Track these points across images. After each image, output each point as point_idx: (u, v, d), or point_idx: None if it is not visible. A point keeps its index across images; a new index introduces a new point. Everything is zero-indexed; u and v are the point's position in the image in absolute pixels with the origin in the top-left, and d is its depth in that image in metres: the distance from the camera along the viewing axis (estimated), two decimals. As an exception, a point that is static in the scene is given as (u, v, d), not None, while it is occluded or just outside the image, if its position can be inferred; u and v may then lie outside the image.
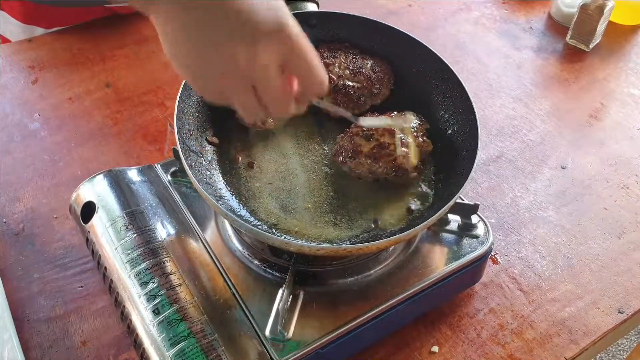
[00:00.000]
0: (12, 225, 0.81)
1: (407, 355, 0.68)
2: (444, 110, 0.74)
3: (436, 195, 0.70)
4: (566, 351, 0.69)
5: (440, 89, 0.75)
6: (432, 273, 0.66)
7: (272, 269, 0.65)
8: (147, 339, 0.60)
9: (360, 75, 0.77)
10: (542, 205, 0.85)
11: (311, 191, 0.71)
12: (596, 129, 0.98)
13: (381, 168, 0.69)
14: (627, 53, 1.13)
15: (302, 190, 0.71)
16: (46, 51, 1.07)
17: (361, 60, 0.78)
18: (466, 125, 0.70)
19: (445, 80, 0.74)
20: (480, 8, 1.24)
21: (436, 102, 0.75)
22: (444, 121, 0.74)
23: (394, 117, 0.72)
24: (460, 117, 0.72)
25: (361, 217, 0.68)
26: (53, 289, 0.73)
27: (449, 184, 0.69)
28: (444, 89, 0.74)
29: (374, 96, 0.77)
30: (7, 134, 0.94)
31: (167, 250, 0.66)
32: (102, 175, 0.73)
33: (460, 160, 0.69)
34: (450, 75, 0.72)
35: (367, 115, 0.75)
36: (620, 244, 0.81)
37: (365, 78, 0.77)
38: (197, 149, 0.70)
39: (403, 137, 0.69)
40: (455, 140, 0.72)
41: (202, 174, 0.68)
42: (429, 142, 0.72)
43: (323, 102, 0.61)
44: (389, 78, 0.78)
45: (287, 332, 0.59)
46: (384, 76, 0.78)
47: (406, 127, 0.70)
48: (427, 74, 0.76)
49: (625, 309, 0.73)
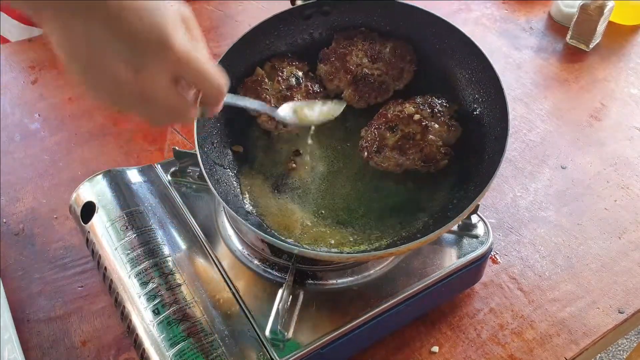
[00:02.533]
0: (12, 226, 0.81)
1: (407, 355, 0.68)
2: (471, 88, 0.71)
3: (470, 181, 0.66)
4: (566, 351, 0.69)
5: (465, 65, 0.71)
6: (432, 273, 0.66)
7: (272, 269, 0.65)
8: (147, 339, 0.60)
9: (380, 61, 0.74)
10: (542, 205, 0.85)
11: (340, 194, 0.69)
12: (596, 129, 0.98)
13: (409, 160, 0.66)
14: (627, 53, 1.13)
15: (331, 194, 0.70)
16: (46, 51, 1.07)
17: (379, 44, 0.75)
18: (495, 102, 0.66)
19: (469, 55, 0.70)
20: (480, 8, 1.24)
21: (462, 79, 0.72)
22: (472, 100, 0.71)
23: (417, 101, 0.69)
24: (487, 93, 0.68)
25: (391, 217, 0.66)
26: (53, 289, 0.73)
27: (479, 169, 0.65)
28: (469, 65, 0.70)
29: (397, 81, 0.74)
30: (7, 134, 0.94)
31: (166, 250, 0.66)
32: (102, 175, 0.73)
33: (491, 141, 0.66)
34: (475, 50, 0.68)
35: (390, 103, 0.71)
36: (620, 244, 0.81)
37: (385, 63, 0.74)
38: (222, 162, 0.69)
39: (430, 123, 0.66)
40: (484, 121, 0.68)
41: (229, 187, 0.68)
42: (457, 126, 0.68)
43: (232, 97, 0.58)
44: (411, 59, 0.75)
45: (287, 332, 0.59)
46: (405, 58, 0.74)
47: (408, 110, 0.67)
48: (450, 51, 0.72)
49: (625, 309, 0.73)
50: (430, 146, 0.66)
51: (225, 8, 1.22)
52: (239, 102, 0.60)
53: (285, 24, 0.74)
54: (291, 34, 0.76)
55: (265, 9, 1.22)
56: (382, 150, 0.67)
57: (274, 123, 0.71)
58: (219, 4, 1.23)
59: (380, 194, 0.69)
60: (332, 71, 0.74)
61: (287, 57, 0.74)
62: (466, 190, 0.65)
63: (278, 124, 0.71)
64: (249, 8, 1.23)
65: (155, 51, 0.44)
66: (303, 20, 0.75)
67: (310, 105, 0.70)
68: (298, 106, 0.69)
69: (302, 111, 0.68)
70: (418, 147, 0.66)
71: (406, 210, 0.68)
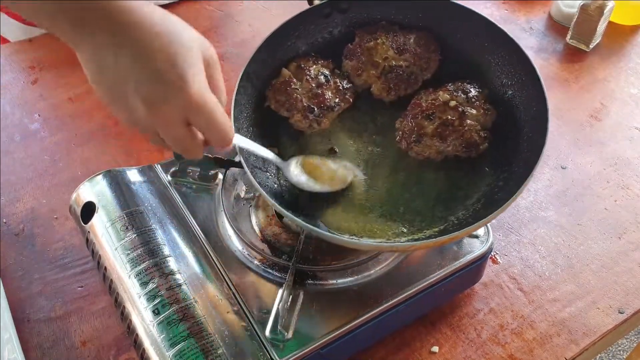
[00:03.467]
0: (12, 226, 0.81)
1: (407, 355, 0.68)
2: (499, 71, 0.71)
3: (512, 163, 0.66)
4: (566, 351, 0.69)
5: (491, 49, 0.71)
6: (432, 273, 0.66)
7: (272, 269, 0.65)
8: (147, 339, 0.60)
9: (406, 52, 0.73)
10: (542, 205, 0.85)
11: (382, 187, 0.69)
12: (596, 129, 0.98)
13: (450, 146, 0.67)
14: (627, 53, 1.13)
15: (373, 187, 0.69)
16: (46, 51, 1.07)
17: (403, 36, 0.74)
18: (526, 83, 0.66)
19: (492, 39, 0.70)
20: (480, 8, 1.23)
21: (489, 63, 0.71)
22: (501, 84, 0.71)
23: (450, 89, 0.69)
24: (516, 75, 0.68)
25: (436, 206, 0.66)
26: (53, 289, 0.74)
27: (519, 150, 0.65)
28: (495, 48, 0.70)
29: (424, 71, 0.74)
30: (7, 134, 0.94)
31: (166, 251, 0.66)
32: (102, 175, 0.73)
33: (527, 121, 0.66)
34: (498, 33, 0.68)
35: (422, 93, 0.71)
36: (621, 244, 0.81)
37: (411, 54, 0.73)
38: (260, 164, 0.68)
39: (466, 108, 0.67)
40: (516, 103, 0.68)
41: (271, 188, 0.67)
42: (492, 109, 0.68)
43: (241, 140, 0.59)
44: (435, 48, 0.75)
45: (287, 332, 0.59)
46: (429, 48, 0.74)
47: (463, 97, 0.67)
48: (472, 37, 0.72)
49: (626, 309, 0.73)
50: (470, 131, 0.67)
51: (225, 8, 1.22)
52: (248, 146, 0.61)
53: (305, 24, 0.75)
54: (311, 33, 0.76)
55: (266, 9, 1.22)
56: (422, 139, 0.67)
57: (307, 122, 0.71)
58: (219, 4, 1.23)
59: (422, 185, 0.69)
60: (359, 66, 0.74)
61: (310, 57, 0.75)
62: (510, 172, 0.65)
63: (312, 123, 0.71)
64: (249, 8, 1.23)
65: (172, 91, 0.46)
66: (323, 19, 0.75)
67: (321, 163, 0.69)
68: (306, 162, 0.69)
69: (312, 171, 0.68)
70: (458, 132, 0.67)
71: (451, 197, 0.68)
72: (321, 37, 0.77)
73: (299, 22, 0.73)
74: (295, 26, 0.74)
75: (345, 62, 0.76)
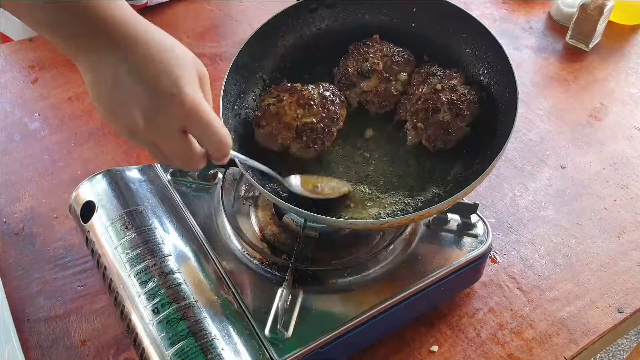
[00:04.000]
0: (12, 225, 0.81)
1: (406, 354, 0.68)
2: (476, 62, 0.74)
3: (482, 152, 0.68)
4: (565, 351, 0.69)
5: (468, 41, 0.74)
6: (432, 273, 0.66)
7: (272, 268, 0.65)
8: (146, 338, 0.60)
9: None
10: (541, 204, 0.86)
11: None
12: (596, 128, 0.98)
13: (461, 126, 0.69)
14: (627, 53, 1.13)
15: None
16: (46, 51, 1.07)
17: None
18: (499, 73, 0.69)
19: (470, 31, 0.73)
20: (480, 8, 1.24)
21: (466, 54, 0.74)
22: (479, 73, 0.73)
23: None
24: (491, 65, 0.71)
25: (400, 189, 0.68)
26: (53, 289, 0.74)
27: (490, 143, 0.67)
28: (471, 40, 0.73)
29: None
30: (7, 133, 0.94)
31: (166, 250, 0.66)
32: (102, 174, 0.73)
33: (501, 113, 0.68)
34: (474, 24, 0.71)
35: (414, 84, 0.73)
36: (620, 243, 0.81)
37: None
38: (259, 177, 0.68)
39: (452, 96, 0.69)
40: (492, 90, 0.71)
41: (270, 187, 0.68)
42: (473, 91, 0.70)
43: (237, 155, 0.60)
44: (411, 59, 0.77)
45: (286, 331, 0.59)
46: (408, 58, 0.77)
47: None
48: (451, 30, 0.75)
49: (625, 308, 0.73)
50: (469, 107, 0.69)
51: (225, 8, 1.22)
52: (246, 159, 0.61)
53: (293, 18, 0.77)
54: (299, 27, 0.78)
55: (266, 9, 1.22)
56: (436, 113, 0.69)
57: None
58: (219, 4, 1.23)
59: (408, 168, 0.71)
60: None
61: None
62: (483, 155, 0.67)
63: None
64: (249, 8, 1.23)
65: (168, 99, 0.47)
66: (309, 13, 0.77)
67: (319, 180, 0.70)
68: (304, 179, 0.69)
69: (310, 185, 0.69)
70: (465, 111, 0.69)
71: (416, 182, 0.69)
72: (308, 30, 0.79)
73: (287, 16, 0.76)
74: (284, 20, 0.75)
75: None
